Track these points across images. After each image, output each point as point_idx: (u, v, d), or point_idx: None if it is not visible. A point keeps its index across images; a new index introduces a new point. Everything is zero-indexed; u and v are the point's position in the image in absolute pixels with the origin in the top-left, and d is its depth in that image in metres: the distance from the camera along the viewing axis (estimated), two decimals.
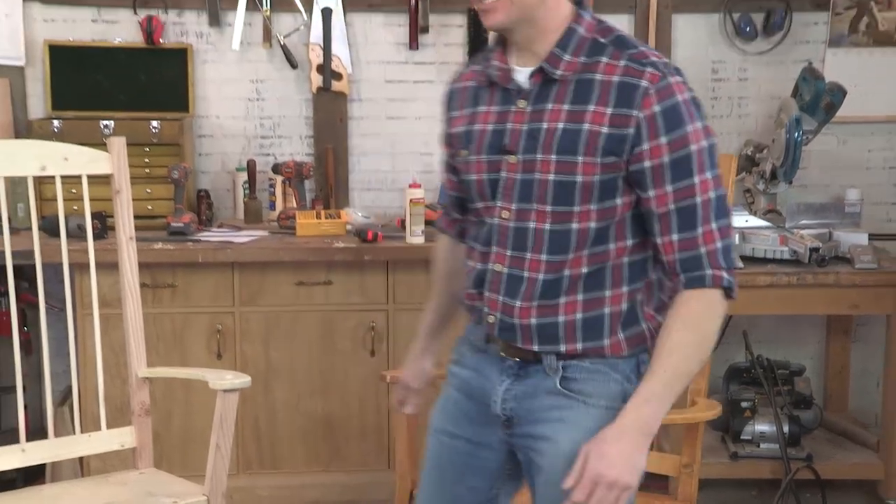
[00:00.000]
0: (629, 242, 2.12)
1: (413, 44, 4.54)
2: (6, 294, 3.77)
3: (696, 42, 4.63)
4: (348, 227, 4.19)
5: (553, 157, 2.07)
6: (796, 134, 4.12)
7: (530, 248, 2.12)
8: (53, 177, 3.05)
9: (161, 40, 4.44)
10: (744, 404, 4.10)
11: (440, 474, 2.37)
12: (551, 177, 2.08)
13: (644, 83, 2.01)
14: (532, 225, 2.12)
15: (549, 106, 2.09)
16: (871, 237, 4.17)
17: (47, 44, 4.41)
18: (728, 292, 2.06)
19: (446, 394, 2.37)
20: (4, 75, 4.42)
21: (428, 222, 4.11)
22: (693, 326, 2.05)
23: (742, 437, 4.11)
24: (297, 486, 4.09)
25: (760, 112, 4.66)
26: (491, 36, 2.23)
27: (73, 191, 3.50)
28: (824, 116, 4.26)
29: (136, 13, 4.44)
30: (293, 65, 4.50)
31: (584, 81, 2.07)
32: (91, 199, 3.09)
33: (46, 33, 4.46)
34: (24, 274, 3.95)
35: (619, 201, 2.08)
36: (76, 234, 3.46)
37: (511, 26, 2.10)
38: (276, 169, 4.42)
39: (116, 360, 3.68)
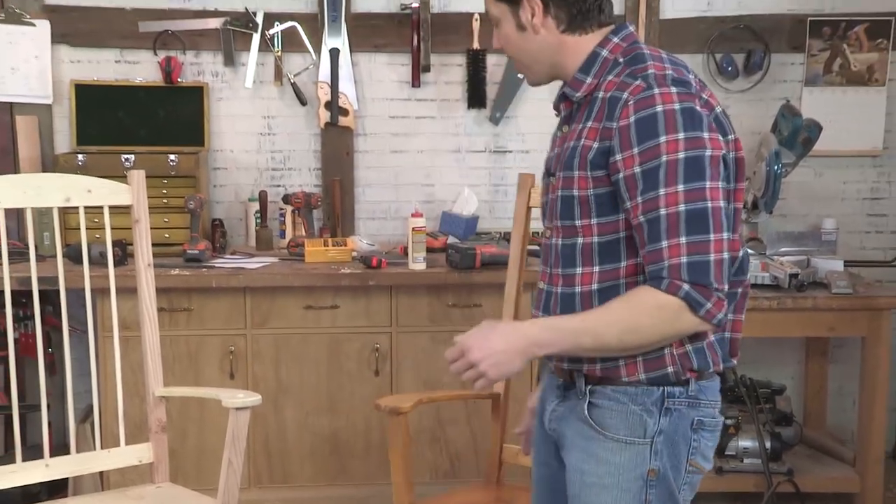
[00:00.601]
0: (640, 260, 2.00)
1: (415, 82, 4.55)
2: (32, 317, 3.76)
3: None
4: (354, 254, 4.18)
5: (561, 174, 2.06)
6: (776, 167, 4.14)
7: (552, 263, 2.13)
8: (77, 207, 3.06)
9: (179, 79, 4.45)
10: (728, 422, 4.08)
11: (538, 500, 2.34)
12: (559, 193, 2.07)
13: (625, 95, 1.95)
14: (554, 241, 2.12)
15: (572, 126, 2.09)
16: (847, 263, 4.18)
17: (73, 83, 4.42)
18: (693, 306, 1.91)
19: (535, 427, 2.34)
20: (33, 113, 4.44)
21: (429, 249, 4.13)
22: (631, 309, 1.95)
23: (727, 453, 4.09)
24: (306, 500, 4.07)
25: (742, 146, 4.66)
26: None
27: (96, 220, 3.52)
28: (802, 150, 4.27)
29: (156, 54, 4.46)
30: (303, 102, 4.51)
31: (593, 100, 2.04)
32: (112, 228, 3.10)
33: (73, 73, 4.47)
34: (49, 298, 3.96)
35: (620, 216, 2.00)
36: (98, 261, 3.47)
37: (545, 81, 2.19)
38: (286, 199, 4.41)
39: (135, 379, 3.68)
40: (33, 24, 4.38)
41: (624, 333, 1.96)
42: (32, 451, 3.05)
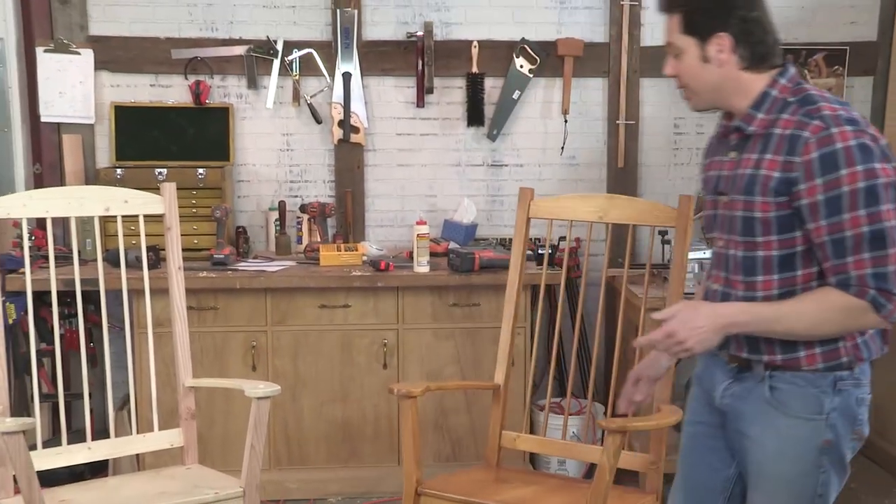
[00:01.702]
0: (814, 269, 2.15)
1: (420, 102, 4.55)
2: (75, 315, 3.78)
3: (659, 102, 4.65)
4: (364, 258, 4.19)
5: (741, 197, 2.18)
6: None
7: (732, 270, 2.24)
8: (116, 216, 3.07)
9: (207, 101, 4.45)
10: None
11: (689, 459, 2.47)
12: (739, 213, 2.19)
13: (806, 134, 2.06)
14: (732, 252, 2.24)
15: (745, 155, 2.19)
16: None
17: (113, 105, 4.43)
18: (877, 307, 2.07)
19: (692, 392, 2.47)
20: (78, 132, 4.44)
21: (432, 254, 4.13)
22: (821, 305, 2.11)
23: None
24: (320, 480, 4.07)
25: None
26: None
27: (132, 228, 3.52)
28: None
29: (186, 78, 4.46)
30: (318, 120, 4.51)
31: (768, 135, 2.15)
32: (146, 235, 3.12)
33: (113, 96, 4.47)
34: (91, 298, 3.95)
35: (798, 234, 2.13)
36: (134, 264, 3.48)
37: (706, 108, 2.30)
38: (303, 209, 4.42)
39: (167, 371, 3.68)
40: (79, 53, 4.39)
41: (813, 326, 2.12)
42: (76, 436, 3.06)
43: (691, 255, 4.03)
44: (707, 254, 4.10)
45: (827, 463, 2.21)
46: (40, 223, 4.16)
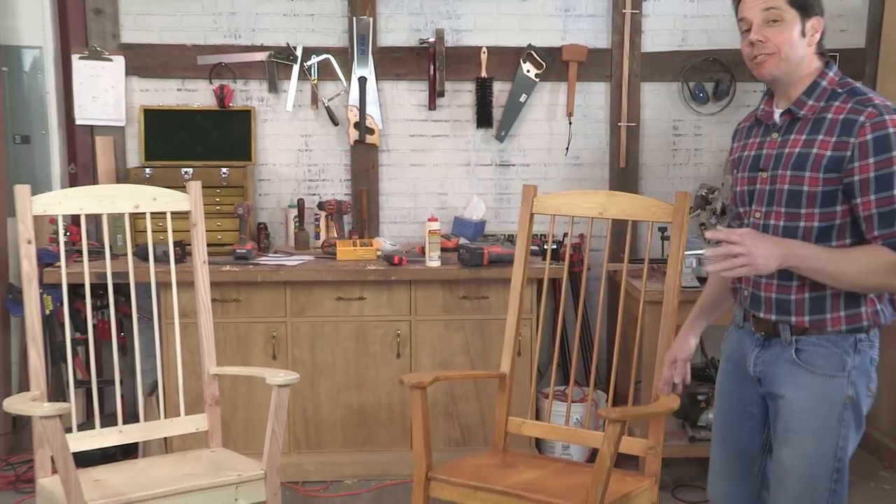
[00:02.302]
0: (848, 241, 2.27)
1: (431, 105, 4.56)
2: (107, 307, 3.80)
3: (659, 105, 4.65)
4: (378, 253, 4.19)
5: (787, 173, 2.30)
6: None
7: None
8: (144, 213, 3.07)
9: (230, 104, 4.47)
10: (700, 397, 4.09)
11: (725, 428, 2.59)
12: (786, 187, 2.30)
13: (862, 118, 2.21)
14: (772, 223, 2.34)
15: (792, 136, 2.32)
16: None
17: (142, 108, 4.44)
18: None
19: (722, 367, 2.60)
20: (109, 134, 4.46)
21: (443, 249, 4.14)
22: (873, 258, 2.22)
23: (698, 424, 4.09)
24: (337, 463, 4.08)
25: (712, 161, 4.68)
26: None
27: (160, 224, 3.52)
28: None
29: (211, 83, 4.48)
30: (335, 122, 4.53)
31: (819, 119, 2.29)
32: (173, 231, 3.13)
33: (142, 100, 4.49)
34: (121, 290, 3.99)
35: (838, 208, 2.26)
36: (161, 258, 3.49)
37: (777, 77, 2.34)
38: (321, 206, 4.43)
39: (192, 359, 3.69)
40: (111, 60, 4.41)
41: (861, 275, 2.23)
42: (108, 420, 3.08)
43: (688, 252, 4.05)
44: (704, 251, 4.12)
45: (848, 417, 2.33)
46: (75, 220, 4.20)
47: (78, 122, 4.45)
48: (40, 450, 2.83)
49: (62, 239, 3.05)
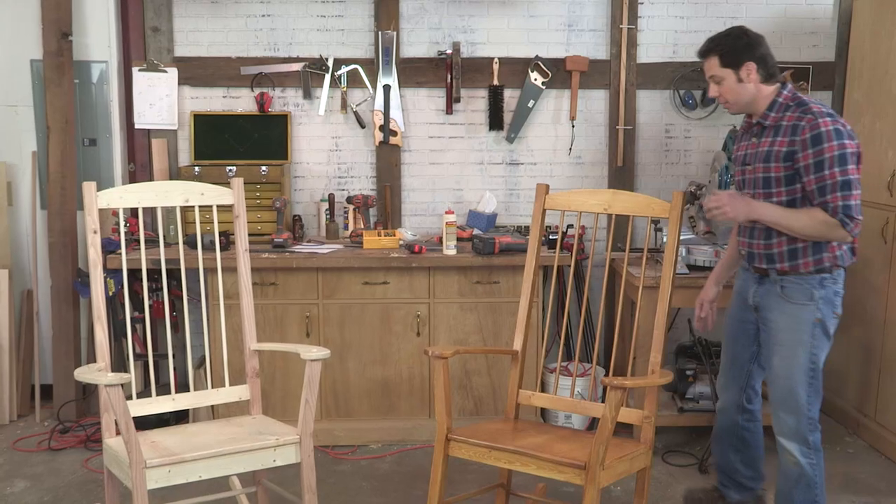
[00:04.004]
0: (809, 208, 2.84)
1: (448, 110, 4.55)
2: (161, 289, 3.83)
3: (653, 110, 4.64)
4: (401, 242, 4.20)
5: (760, 164, 2.90)
6: (725, 177, 4.13)
7: None
8: (194, 206, 3.10)
9: (269, 109, 4.48)
10: (688, 372, 4.08)
11: (728, 340, 3.20)
12: (760, 175, 2.90)
13: (803, 123, 2.80)
14: (758, 199, 2.90)
15: (762, 139, 2.91)
16: None
17: (192, 114, 4.46)
18: (844, 224, 2.75)
19: (732, 302, 3.17)
20: (164, 136, 4.49)
21: (459, 239, 4.15)
22: (812, 216, 2.80)
23: (687, 396, 4.09)
24: (363, 429, 4.10)
25: (700, 161, 4.66)
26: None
27: (207, 216, 3.55)
28: None
29: (252, 90, 4.49)
30: (362, 125, 4.53)
31: (778, 126, 2.87)
32: (219, 222, 3.14)
33: (192, 106, 4.51)
34: (174, 275, 4.02)
35: (797, 186, 2.83)
36: (208, 247, 3.52)
37: (740, 112, 2.99)
38: (349, 200, 4.43)
39: (236, 336, 3.72)
40: (166, 71, 4.44)
41: (804, 226, 2.81)
42: (163, 389, 3.10)
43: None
44: (692, 239, 4.13)
45: (818, 334, 2.88)
46: (133, 212, 4.24)
47: (137, 126, 4.47)
48: (105, 414, 2.86)
49: (123, 229, 3.07)
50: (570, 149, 4.62)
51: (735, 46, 2.89)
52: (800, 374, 2.90)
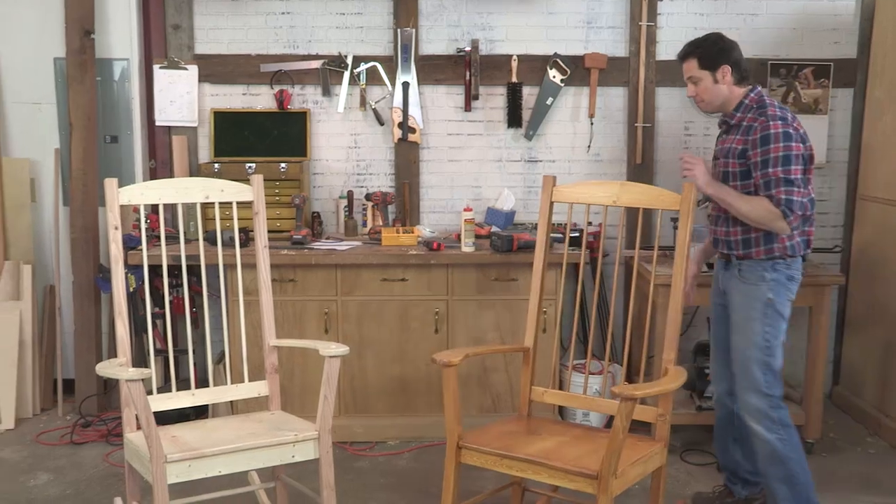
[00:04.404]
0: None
1: (467, 107, 4.55)
2: (181, 285, 3.86)
3: (672, 108, 4.62)
4: (419, 239, 4.20)
5: (722, 160, 3.18)
6: None
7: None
8: (213, 203, 3.12)
9: (288, 106, 4.49)
10: (706, 371, 4.06)
11: (712, 325, 3.38)
12: (721, 170, 3.18)
13: (756, 124, 3.06)
14: None
15: (730, 136, 3.19)
16: None
17: (213, 111, 4.48)
18: (784, 216, 2.97)
19: (712, 284, 3.38)
20: (184, 133, 4.51)
21: (477, 236, 4.14)
22: (757, 203, 3.03)
23: (705, 395, 4.07)
24: (381, 426, 4.11)
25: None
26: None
27: (227, 213, 3.57)
28: None
29: (272, 88, 4.52)
30: (381, 123, 4.54)
31: (741, 125, 3.14)
32: (238, 219, 3.15)
33: (212, 103, 4.53)
34: (194, 271, 4.03)
35: (751, 181, 3.07)
36: (228, 243, 3.51)
37: (715, 111, 3.27)
38: (368, 197, 4.45)
39: (255, 332, 3.68)
40: (186, 69, 4.47)
41: (750, 211, 3.04)
42: (183, 384, 3.11)
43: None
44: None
45: (770, 313, 3.09)
46: (154, 209, 4.27)
47: (158, 123, 4.51)
48: (126, 409, 2.88)
49: (143, 225, 3.09)
50: (589, 146, 4.61)
51: (713, 50, 3.17)
52: (754, 351, 3.10)
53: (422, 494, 3.57)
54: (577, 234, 4.24)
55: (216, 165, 4.27)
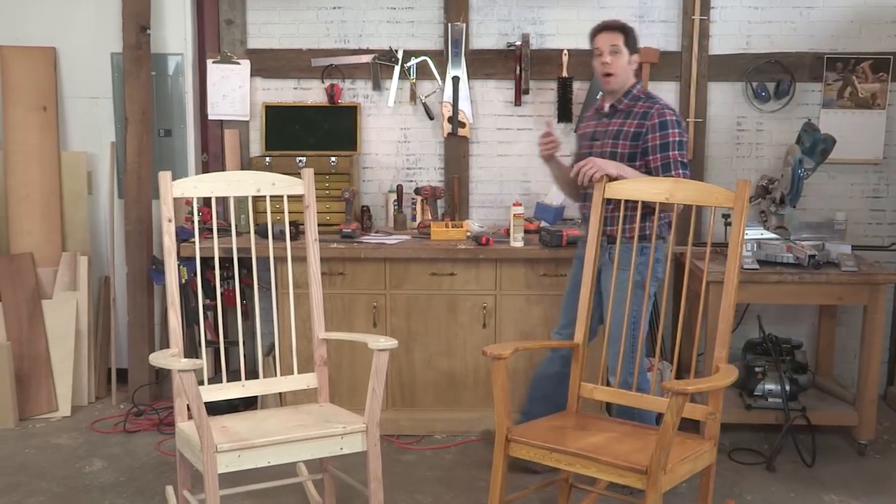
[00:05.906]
0: None
1: (517, 102, 4.53)
2: (232, 278, 3.89)
3: (724, 103, 4.54)
4: (468, 233, 4.19)
5: (609, 141, 3.37)
6: (799, 171, 4.02)
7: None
8: (265, 196, 3.13)
9: (339, 101, 4.51)
10: (757, 369, 4.01)
11: (572, 294, 3.44)
12: (608, 150, 3.36)
13: (652, 111, 3.33)
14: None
15: (614, 120, 3.41)
16: (853, 248, 4.05)
17: (264, 105, 4.52)
18: None
19: (575, 262, 3.59)
20: (236, 127, 4.56)
21: (526, 231, 4.12)
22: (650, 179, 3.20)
23: (755, 393, 4.02)
24: (428, 420, 4.11)
25: (772, 154, 4.55)
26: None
27: (278, 206, 3.60)
28: (819, 159, 4.14)
29: (323, 82, 4.53)
30: (431, 117, 4.54)
31: (629, 111, 3.39)
32: (289, 212, 3.18)
33: (264, 97, 4.57)
34: (244, 263, 4.07)
35: (637, 162, 3.32)
36: (278, 236, 3.55)
37: (615, 89, 3.42)
38: (417, 191, 4.45)
39: (304, 325, 3.72)
40: (238, 63, 4.51)
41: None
42: (233, 375, 3.14)
43: (749, 234, 3.96)
44: (764, 234, 4.04)
45: (638, 291, 3.24)
46: (206, 202, 4.28)
47: (210, 117, 4.55)
48: (178, 398, 2.92)
49: (196, 218, 3.13)
50: None
51: (635, 36, 3.42)
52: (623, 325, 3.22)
53: (468, 488, 3.56)
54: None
55: (267, 159, 4.30)
